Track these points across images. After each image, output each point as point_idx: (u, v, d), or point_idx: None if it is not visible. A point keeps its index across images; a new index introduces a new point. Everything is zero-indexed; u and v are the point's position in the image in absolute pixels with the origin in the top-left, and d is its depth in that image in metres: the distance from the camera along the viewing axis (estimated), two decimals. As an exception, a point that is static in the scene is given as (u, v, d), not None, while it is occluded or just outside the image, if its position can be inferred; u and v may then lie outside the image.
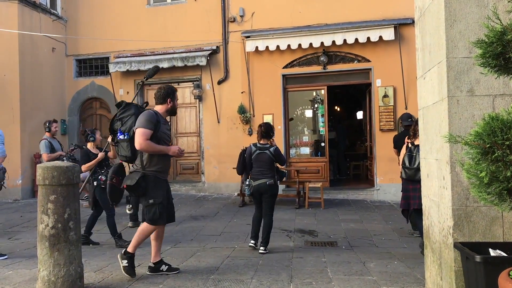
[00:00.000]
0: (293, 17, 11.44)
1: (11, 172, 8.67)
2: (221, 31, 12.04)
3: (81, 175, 5.01)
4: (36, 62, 11.98)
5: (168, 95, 4.79)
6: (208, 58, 11.74)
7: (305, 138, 12.22)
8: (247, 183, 6.20)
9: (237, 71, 11.92)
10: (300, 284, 4.46)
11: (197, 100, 12.39)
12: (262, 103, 11.68)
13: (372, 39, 10.67)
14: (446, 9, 3.41)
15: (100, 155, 6.62)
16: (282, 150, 11.57)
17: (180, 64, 11.78)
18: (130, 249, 4.69)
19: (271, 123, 6.87)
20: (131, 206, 4.46)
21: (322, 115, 12.07)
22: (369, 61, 11.19)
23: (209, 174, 12.22)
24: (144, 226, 4.68)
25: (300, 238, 7.02)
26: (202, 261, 5.49)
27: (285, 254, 5.86)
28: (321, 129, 12.18)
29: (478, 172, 2.39)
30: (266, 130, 6.24)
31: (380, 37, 10.63)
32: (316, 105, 12.40)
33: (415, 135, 5.89)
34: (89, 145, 6.87)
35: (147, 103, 5.00)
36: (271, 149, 6.16)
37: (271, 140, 6.31)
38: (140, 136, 4.46)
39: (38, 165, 4.25)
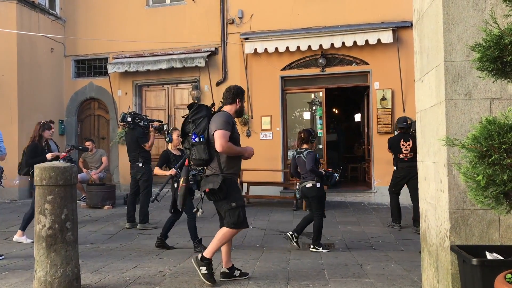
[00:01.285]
0: (292, 19, 11.46)
1: (9, 173, 8.65)
2: (219, 33, 12.04)
3: (79, 176, 5.00)
4: (35, 62, 11.96)
5: (237, 95, 4.65)
6: (207, 59, 11.75)
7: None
8: (297, 186, 6.59)
9: (236, 73, 11.93)
10: (297, 286, 4.46)
11: (196, 101, 12.38)
12: (260, 105, 11.69)
13: (371, 42, 10.69)
14: (444, 12, 3.42)
15: (172, 172, 6.43)
16: (280, 152, 11.60)
17: (178, 65, 11.78)
18: (207, 254, 4.47)
19: (311, 129, 7.01)
20: (202, 210, 4.27)
21: (320, 117, 12.08)
22: (367, 63, 11.21)
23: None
24: (225, 230, 4.46)
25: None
26: (199, 262, 5.48)
27: (282, 256, 5.85)
28: (319, 131, 12.18)
29: (475, 175, 2.40)
30: (307, 136, 6.50)
31: (379, 40, 10.65)
32: (314, 107, 12.42)
33: None
34: (170, 146, 6.78)
35: (213, 104, 4.76)
36: (305, 152, 6.38)
37: (312, 145, 6.61)
38: (222, 138, 4.33)
39: (35, 166, 4.24)
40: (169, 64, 11.83)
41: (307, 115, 12.53)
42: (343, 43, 10.84)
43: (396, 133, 9.27)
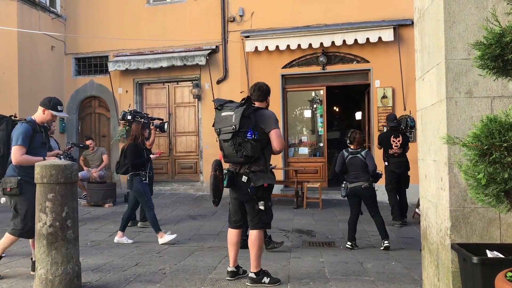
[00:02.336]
0: (292, 17, 11.44)
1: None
2: (220, 31, 12.03)
3: (80, 174, 5.00)
4: (35, 60, 11.97)
5: (268, 93, 4.68)
6: (208, 57, 11.74)
7: (304, 138, 12.23)
8: (343, 185, 6.50)
9: (236, 71, 11.92)
10: (297, 284, 4.46)
11: (196, 99, 12.39)
12: (261, 103, 11.65)
13: (371, 40, 10.68)
14: (445, 10, 3.42)
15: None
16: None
17: (179, 63, 11.78)
18: (257, 268, 4.39)
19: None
20: (263, 202, 4.11)
21: (321, 116, 12.07)
22: (368, 62, 11.20)
23: (207, 174, 12.20)
24: (257, 234, 4.38)
25: (298, 238, 7.03)
26: (200, 260, 5.50)
27: (283, 254, 5.86)
28: (319, 129, 12.18)
29: (476, 173, 2.40)
30: (362, 137, 6.69)
31: (380, 38, 10.64)
32: (315, 106, 12.41)
33: None
34: None
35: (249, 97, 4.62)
36: (362, 152, 6.46)
37: (364, 145, 6.64)
38: (280, 137, 4.40)
39: (36, 163, 4.24)
40: (170, 62, 11.82)
41: (307, 113, 12.52)
42: (344, 41, 10.83)
43: (385, 129, 9.47)
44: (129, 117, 7.86)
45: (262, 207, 4.33)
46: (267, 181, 4.30)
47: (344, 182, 6.53)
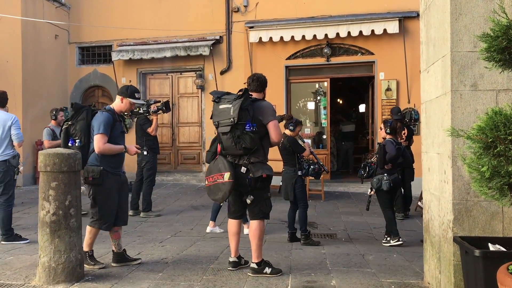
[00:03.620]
0: (297, 8, 11.37)
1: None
2: (224, 21, 11.98)
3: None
4: (39, 49, 11.95)
5: (265, 84, 4.71)
6: (211, 48, 11.70)
7: (307, 130, 12.20)
8: (385, 178, 6.11)
9: (240, 62, 11.87)
10: (299, 275, 4.48)
11: (200, 90, 12.37)
12: (264, 94, 11.62)
13: (376, 32, 10.61)
14: (451, 2, 3.39)
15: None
16: (284, 142, 11.56)
17: (183, 53, 11.74)
18: (258, 258, 4.41)
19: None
20: (252, 197, 4.08)
21: (325, 108, 12.04)
22: (372, 54, 11.14)
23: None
24: (257, 224, 4.39)
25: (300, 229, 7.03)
26: (202, 250, 5.52)
27: (285, 245, 5.88)
28: (323, 121, 12.15)
29: (480, 166, 2.39)
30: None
31: (385, 30, 10.58)
32: (318, 97, 12.37)
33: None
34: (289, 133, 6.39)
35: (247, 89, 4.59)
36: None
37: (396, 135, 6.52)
38: (278, 129, 4.40)
39: (39, 152, 4.25)
40: (174, 52, 11.78)
41: (311, 105, 12.49)
42: (349, 32, 10.76)
43: None
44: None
45: (249, 201, 4.34)
46: (266, 172, 4.32)
47: (384, 174, 6.11)
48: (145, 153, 7.80)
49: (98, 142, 4.41)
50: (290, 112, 11.91)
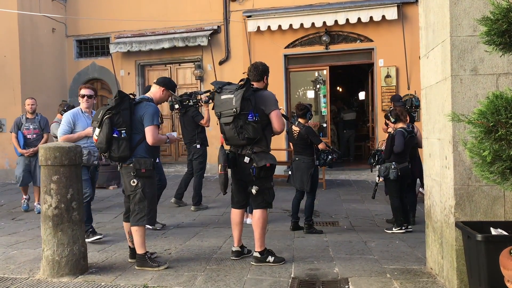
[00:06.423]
0: (295, -4, 11.29)
1: (14, 155, 8.69)
2: (222, 11, 11.89)
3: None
4: (36, 42, 11.89)
5: (265, 72, 4.64)
6: (209, 38, 11.63)
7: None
8: (393, 166, 6.04)
9: (239, 52, 11.82)
10: (302, 263, 4.50)
11: (198, 80, 12.32)
12: (263, 84, 11.59)
13: (375, 19, 10.55)
14: (451, -14, 3.36)
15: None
16: (284, 131, 11.55)
17: (181, 44, 11.68)
18: (261, 247, 4.43)
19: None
20: (257, 187, 4.08)
21: (324, 96, 12.01)
22: (371, 40, 11.08)
23: (211, 155, 12.13)
24: (260, 213, 4.41)
25: (302, 218, 7.04)
26: (204, 240, 5.54)
27: (287, 234, 5.90)
28: (323, 109, 12.13)
29: (481, 151, 2.39)
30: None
31: (383, 16, 10.51)
32: (318, 86, 12.34)
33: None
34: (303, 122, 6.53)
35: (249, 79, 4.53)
36: (414, 130, 6.36)
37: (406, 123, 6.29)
38: (281, 118, 4.39)
39: (40, 146, 4.25)
40: (172, 43, 11.72)
41: (311, 94, 12.46)
42: (347, 19, 10.69)
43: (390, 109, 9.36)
44: (176, 106, 7.66)
45: (254, 191, 4.34)
46: (269, 161, 4.32)
47: (392, 162, 6.02)
48: (198, 146, 7.71)
49: (153, 133, 4.31)
50: (290, 101, 11.90)
